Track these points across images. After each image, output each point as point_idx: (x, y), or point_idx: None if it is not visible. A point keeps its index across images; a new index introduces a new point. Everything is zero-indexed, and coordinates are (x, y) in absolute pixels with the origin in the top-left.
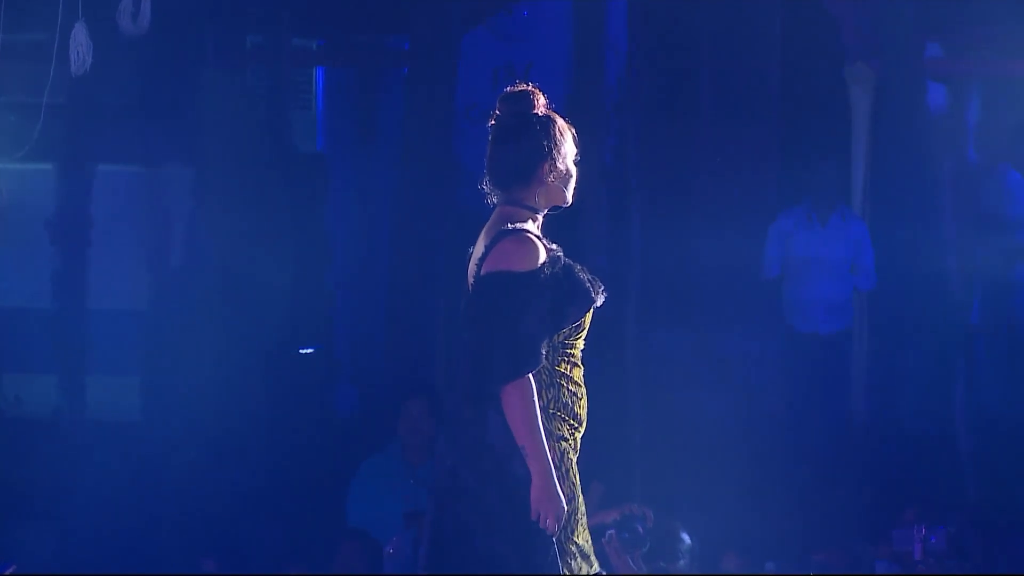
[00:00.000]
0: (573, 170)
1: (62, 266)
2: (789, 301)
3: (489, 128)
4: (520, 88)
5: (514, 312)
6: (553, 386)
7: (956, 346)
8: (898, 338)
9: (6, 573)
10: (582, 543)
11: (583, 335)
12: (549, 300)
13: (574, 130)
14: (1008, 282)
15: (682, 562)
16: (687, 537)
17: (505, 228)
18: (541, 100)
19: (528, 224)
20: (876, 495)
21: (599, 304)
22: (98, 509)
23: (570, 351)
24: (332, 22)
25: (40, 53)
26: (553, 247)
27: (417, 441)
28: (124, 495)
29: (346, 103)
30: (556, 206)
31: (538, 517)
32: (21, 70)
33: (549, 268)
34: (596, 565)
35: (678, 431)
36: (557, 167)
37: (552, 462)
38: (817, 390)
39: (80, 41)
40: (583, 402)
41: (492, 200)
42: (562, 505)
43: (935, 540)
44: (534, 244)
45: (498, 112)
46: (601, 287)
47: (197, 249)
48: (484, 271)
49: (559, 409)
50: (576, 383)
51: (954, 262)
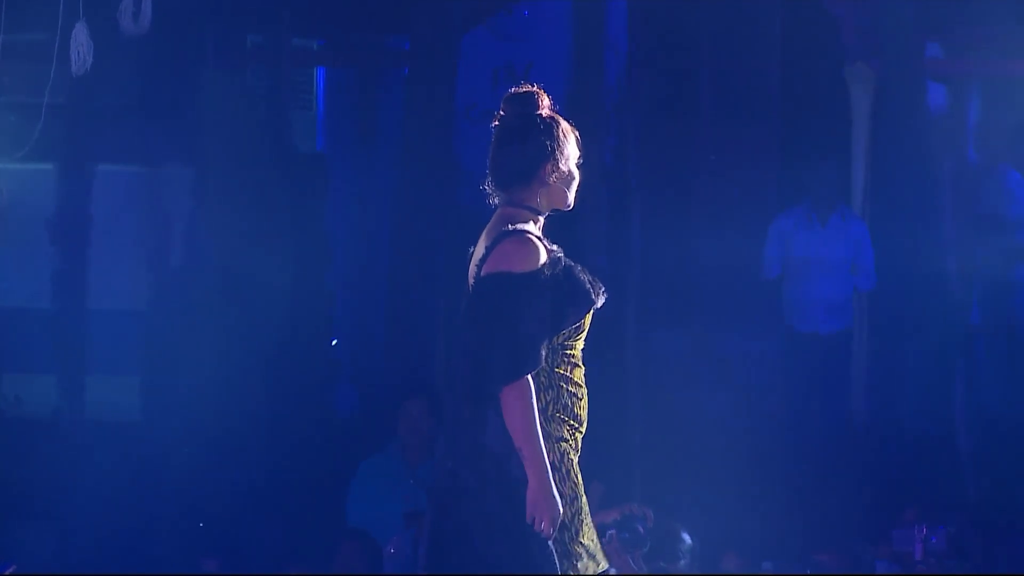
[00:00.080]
0: (575, 173)
1: (62, 266)
2: (789, 301)
3: (492, 128)
4: (525, 89)
5: (514, 313)
6: (552, 387)
7: (956, 346)
8: (898, 338)
9: (6, 573)
10: (588, 543)
11: (583, 336)
12: (549, 301)
13: (577, 133)
14: (1008, 282)
15: (682, 562)
16: (687, 537)
17: (506, 229)
18: (546, 101)
19: (529, 225)
20: (876, 495)
21: (599, 305)
22: (98, 509)
23: (570, 352)
24: (332, 22)
25: (41, 53)
26: (554, 248)
27: (416, 441)
28: (124, 495)
29: (346, 103)
30: (557, 209)
31: (533, 520)
32: (22, 70)
33: (549, 269)
34: (604, 562)
35: (678, 431)
36: (559, 168)
37: (552, 464)
38: (817, 390)
39: (81, 41)
40: (583, 403)
41: (494, 201)
42: (558, 508)
43: (935, 540)
44: (535, 245)
45: (502, 113)
46: (601, 288)
47: (197, 249)
48: (484, 272)
49: (559, 410)
50: (576, 384)
51: (954, 262)
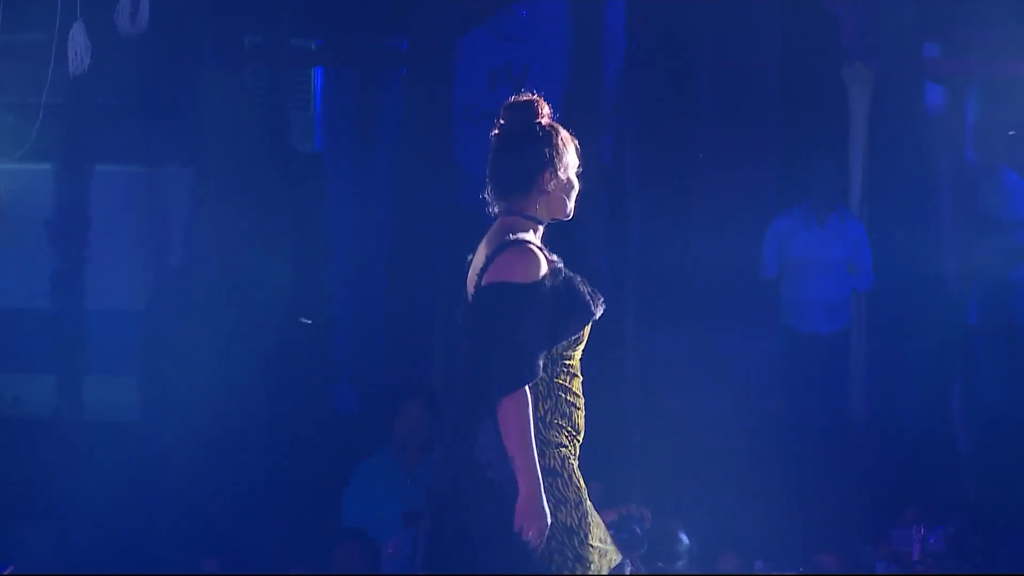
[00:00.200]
0: (575, 181)
1: (60, 266)
2: (788, 301)
3: (492, 137)
4: (525, 98)
5: (513, 324)
6: (551, 396)
7: (955, 346)
8: (896, 338)
9: (5, 573)
10: (598, 543)
11: (581, 347)
12: (549, 313)
13: (577, 142)
14: (1006, 282)
15: (680, 562)
16: (685, 537)
17: (507, 239)
18: (545, 110)
19: (530, 235)
20: (875, 495)
21: (597, 317)
22: (97, 509)
23: (568, 363)
24: (331, 22)
25: (38, 53)
26: (554, 258)
27: (414, 441)
28: (123, 495)
29: (345, 103)
30: (557, 217)
31: (520, 530)
32: (19, 70)
33: (550, 280)
34: (617, 555)
35: (677, 431)
36: (559, 177)
37: (553, 469)
38: (816, 390)
39: (78, 41)
40: (581, 412)
41: (494, 210)
42: (546, 520)
43: (934, 540)
44: (536, 256)
45: (502, 121)
46: (600, 299)
47: (196, 249)
48: (485, 282)
49: (557, 418)
50: (575, 394)
51: (952, 262)
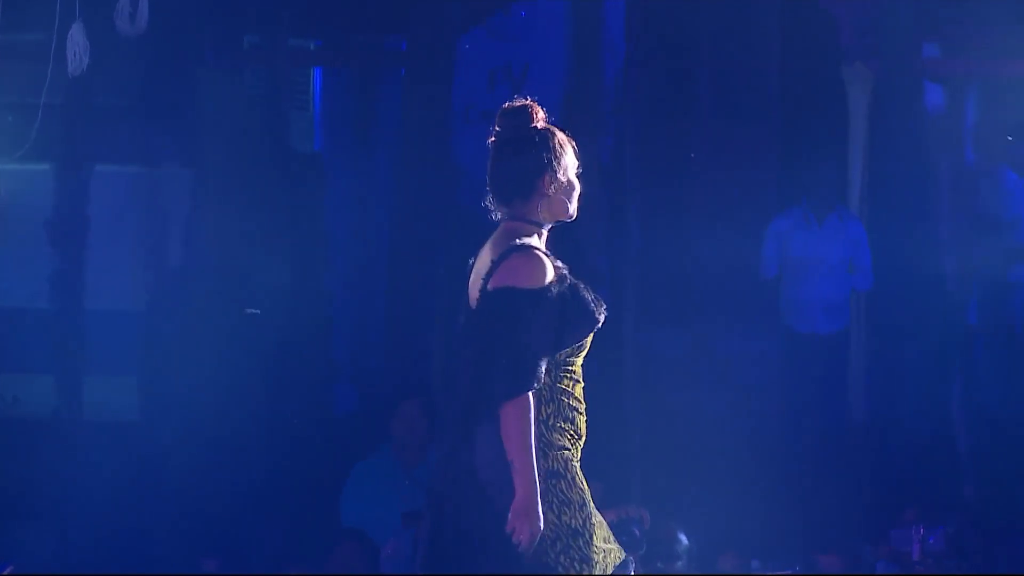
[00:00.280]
0: (576, 182)
1: (60, 266)
2: (787, 301)
3: (489, 145)
4: (518, 103)
5: (519, 329)
6: (554, 401)
7: (954, 346)
8: (896, 338)
9: (4, 573)
10: (601, 543)
11: (584, 353)
12: (555, 319)
13: (574, 143)
14: (1006, 282)
15: (680, 563)
16: (684, 538)
17: (514, 244)
18: (540, 114)
19: (534, 239)
20: (875, 495)
21: (601, 324)
22: (97, 509)
23: (571, 368)
24: (330, 23)
25: (38, 53)
26: (560, 265)
27: (412, 442)
28: (123, 495)
29: (344, 103)
30: (560, 219)
31: (513, 531)
32: (19, 70)
33: (556, 287)
34: (621, 554)
35: (676, 431)
36: (558, 179)
37: (557, 471)
38: (815, 390)
39: (77, 41)
40: (583, 418)
41: (496, 216)
42: (539, 524)
43: (934, 540)
44: (543, 262)
45: (497, 128)
46: (603, 306)
47: (195, 249)
48: (491, 286)
49: (560, 420)
50: (577, 399)
51: (952, 262)
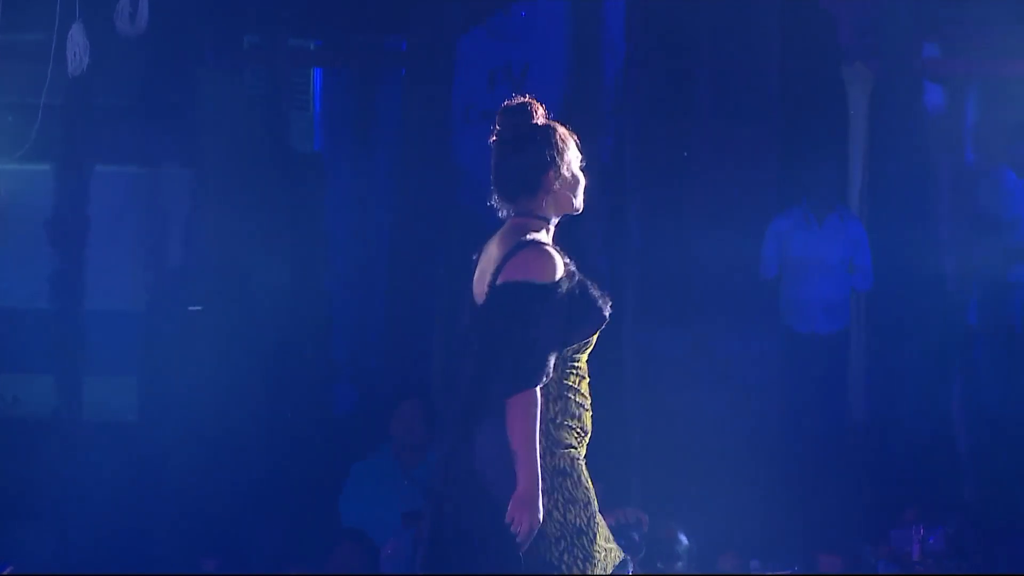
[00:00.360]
0: (580, 176)
1: (60, 266)
2: (787, 301)
3: (491, 144)
4: (518, 101)
5: (528, 323)
6: (561, 398)
7: (954, 346)
8: (896, 338)
9: (4, 573)
10: (603, 542)
11: (590, 349)
12: (563, 315)
13: (576, 136)
14: (1006, 282)
15: (680, 563)
16: (684, 538)
17: (524, 239)
18: (540, 110)
19: (543, 235)
20: (875, 495)
21: (608, 320)
22: (97, 509)
23: (577, 365)
24: (330, 23)
25: (38, 53)
26: (567, 260)
27: (411, 442)
28: (122, 495)
29: (344, 104)
30: (567, 213)
31: (512, 522)
32: (19, 70)
33: (566, 283)
34: (620, 554)
35: (676, 431)
36: (562, 174)
37: (563, 470)
38: (815, 390)
39: (77, 41)
40: (589, 414)
41: (502, 213)
42: (539, 517)
43: (933, 540)
44: (553, 257)
45: (498, 127)
46: (609, 302)
47: (195, 249)
48: (501, 281)
49: (567, 418)
50: (583, 395)
51: (952, 262)
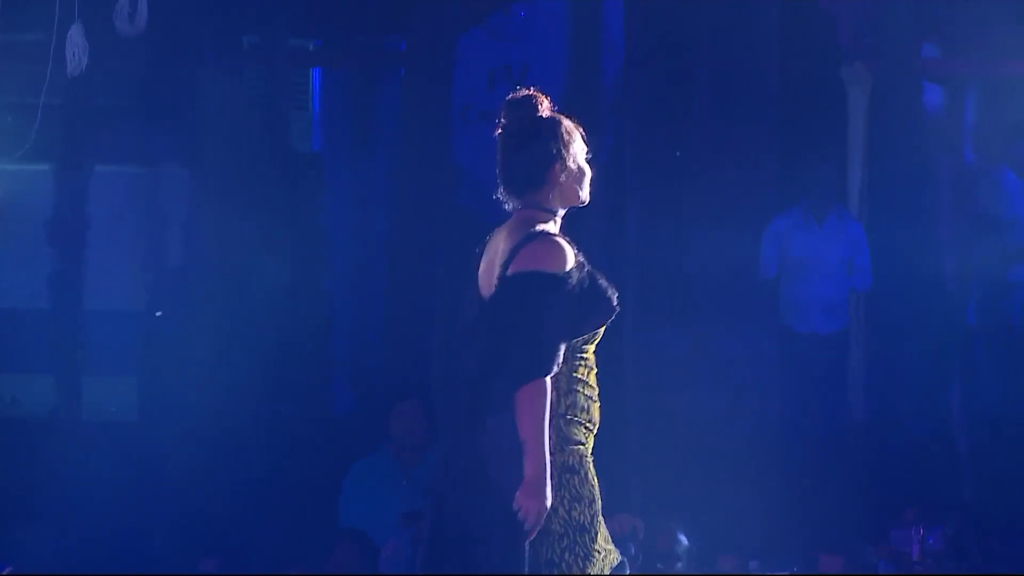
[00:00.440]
0: (586, 168)
1: (59, 266)
2: (786, 301)
3: (496, 137)
4: (523, 93)
5: (540, 313)
6: (571, 392)
7: (953, 346)
8: (896, 338)
9: (4, 573)
10: (603, 543)
11: (598, 340)
12: (574, 305)
13: (582, 129)
14: (1005, 283)
15: (680, 564)
16: (684, 539)
17: (533, 231)
18: (545, 103)
19: (551, 226)
20: (874, 495)
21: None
22: (96, 510)
23: (586, 356)
24: (329, 23)
25: (37, 53)
26: (576, 252)
27: (410, 442)
28: (122, 495)
29: (343, 103)
30: (573, 205)
31: (519, 510)
32: (18, 70)
33: (576, 273)
34: (618, 556)
35: (675, 431)
36: (568, 167)
37: (571, 467)
38: (814, 390)
39: (76, 42)
40: (598, 405)
41: (508, 206)
42: (546, 505)
43: (933, 540)
44: (563, 247)
45: (504, 120)
46: (616, 294)
47: (194, 249)
48: (512, 271)
49: (576, 414)
50: (591, 387)
51: (951, 263)
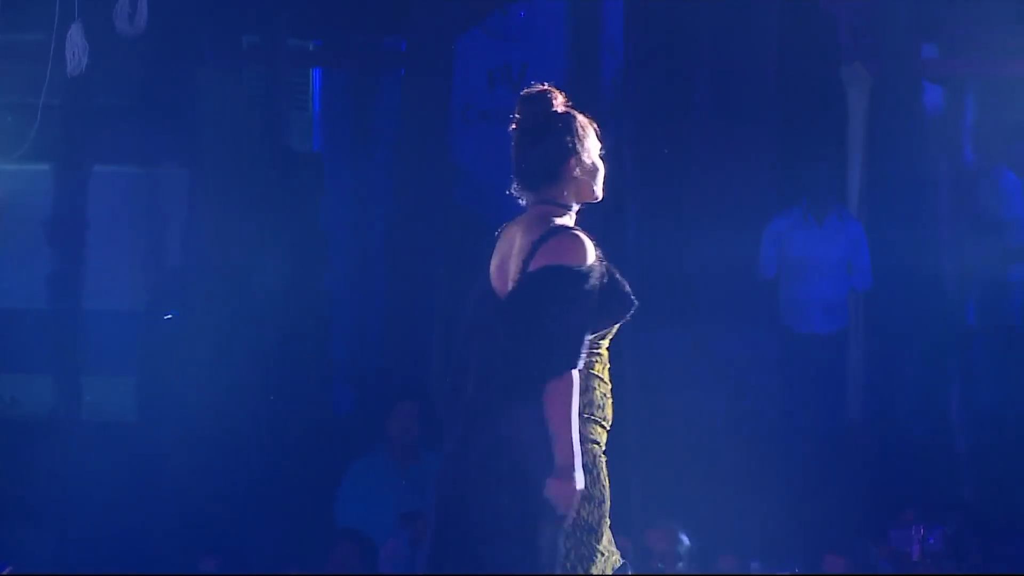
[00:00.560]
0: (599, 164)
1: (58, 266)
2: (786, 301)
3: (511, 132)
4: (537, 89)
5: (568, 307)
6: (588, 390)
7: (952, 346)
8: (895, 338)
9: (3, 574)
10: (607, 544)
11: (612, 336)
12: (596, 299)
13: (596, 125)
14: (1004, 283)
15: (680, 564)
16: (685, 539)
17: (554, 225)
18: (560, 98)
19: (568, 221)
20: (874, 495)
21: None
22: (95, 510)
23: (600, 352)
24: (329, 23)
25: (37, 53)
26: (595, 247)
27: (408, 442)
28: (121, 495)
29: (343, 104)
30: (587, 201)
31: (552, 499)
32: (18, 70)
33: (598, 267)
34: (619, 559)
35: (676, 431)
36: (583, 162)
37: (584, 465)
38: (814, 390)
39: (76, 42)
40: (611, 401)
41: (522, 201)
42: (581, 486)
43: (933, 540)
44: (586, 242)
45: (518, 115)
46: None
47: (194, 249)
48: (536, 266)
49: (592, 410)
50: (605, 383)
51: (950, 263)
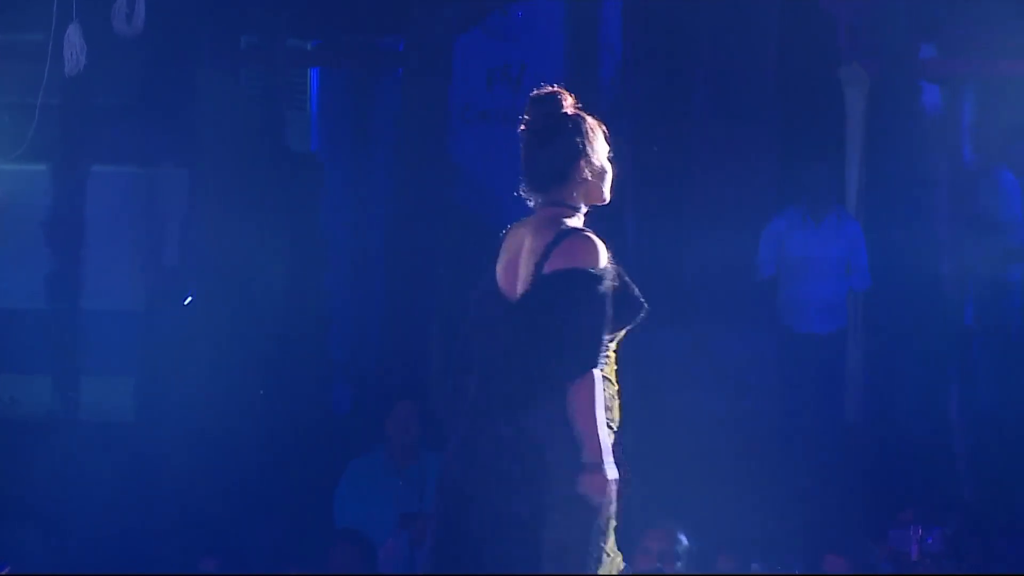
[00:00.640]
0: (608, 167)
1: (57, 266)
2: (785, 301)
3: (520, 133)
4: (547, 90)
5: (587, 308)
6: (600, 391)
7: (951, 347)
8: (894, 338)
9: (2, 573)
10: (612, 546)
11: (620, 338)
12: (609, 300)
13: (605, 127)
14: (1002, 283)
15: (680, 564)
16: (684, 539)
17: (566, 227)
18: (569, 100)
19: (578, 223)
20: (872, 496)
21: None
22: (94, 510)
23: (607, 354)
24: (327, 23)
25: (35, 53)
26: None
27: (406, 442)
28: (120, 496)
29: (341, 104)
30: (595, 204)
31: (587, 493)
32: (16, 70)
33: (611, 270)
34: (623, 563)
35: (675, 431)
36: (592, 164)
37: None
38: (813, 390)
39: (74, 42)
40: (618, 403)
41: (531, 203)
42: (613, 475)
43: (931, 541)
44: (599, 244)
45: (528, 116)
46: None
47: (192, 250)
48: (551, 268)
49: (602, 412)
50: (613, 384)
51: (949, 263)
